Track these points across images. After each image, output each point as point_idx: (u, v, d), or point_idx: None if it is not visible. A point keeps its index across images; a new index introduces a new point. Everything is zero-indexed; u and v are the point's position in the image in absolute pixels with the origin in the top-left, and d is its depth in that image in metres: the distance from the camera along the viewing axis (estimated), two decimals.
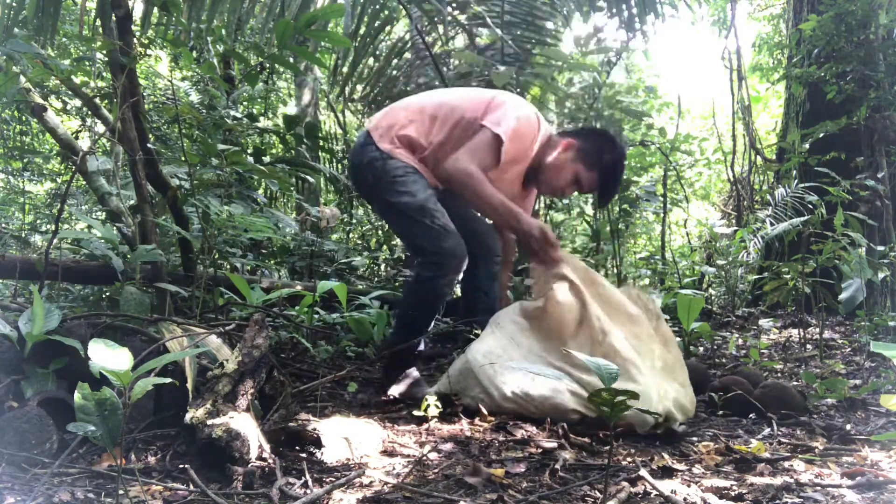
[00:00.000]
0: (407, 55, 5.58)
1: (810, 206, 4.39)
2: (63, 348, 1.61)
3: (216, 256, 3.04)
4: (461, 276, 2.39)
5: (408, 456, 1.59)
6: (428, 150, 2.39)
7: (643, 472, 1.38)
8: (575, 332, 2.11)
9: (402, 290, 2.57)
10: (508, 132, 2.30)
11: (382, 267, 5.27)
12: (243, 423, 1.44)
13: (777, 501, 1.28)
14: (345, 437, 1.59)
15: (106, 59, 2.91)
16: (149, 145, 2.76)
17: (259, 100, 7.08)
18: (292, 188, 5.16)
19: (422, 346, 2.45)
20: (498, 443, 1.70)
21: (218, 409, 1.48)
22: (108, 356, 1.09)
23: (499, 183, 2.37)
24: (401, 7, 4.92)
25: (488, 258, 2.59)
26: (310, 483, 1.35)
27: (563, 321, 2.12)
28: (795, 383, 2.53)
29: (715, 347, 3.18)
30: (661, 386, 2.02)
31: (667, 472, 1.47)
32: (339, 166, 6.27)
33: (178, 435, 1.60)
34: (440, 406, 1.94)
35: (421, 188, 2.34)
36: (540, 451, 1.63)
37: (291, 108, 7.79)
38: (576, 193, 2.63)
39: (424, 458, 1.54)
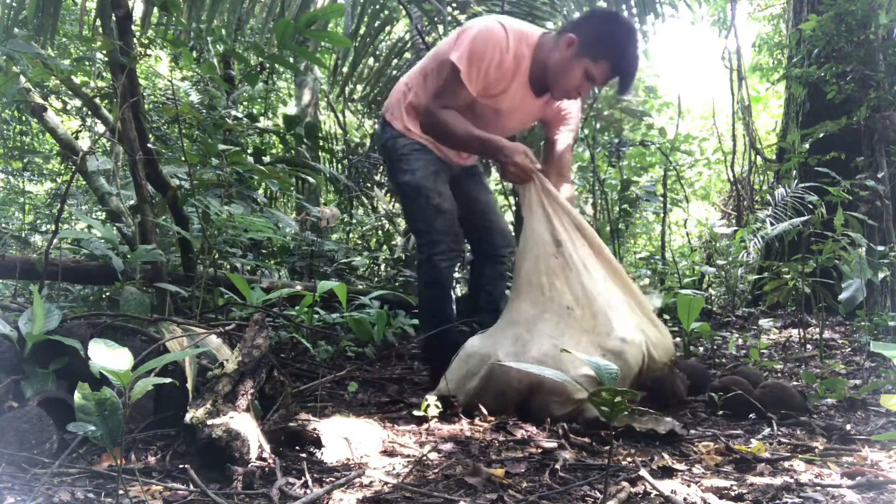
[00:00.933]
0: (407, 55, 5.57)
1: (810, 206, 4.38)
2: (63, 348, 1.61)
3: (216, 256, 3.04)
4: (464, 258, 2.38)
5: (408, 456, 1.59)
6: None
7: (643, 472, 1.38)
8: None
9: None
10: (463, 56, 2.19)
11: (382, 267, 5.27)
12: (243, 423, 1.44)
13: (777, 501, 1.28)
14: (345, 437, 1.59)
15: (106, 59, 2.91)
16: (149, 145, 2.76)
17: (259, 100, 7.07)
18: (292, 188, 5.16)
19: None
20: (498, 443, 1.70)
21: (218, 409, 1.48)
22: (108, 356, 1.09)
23: (503, 106, 2.32)
24: (401, 7, 4.92)
25: (494, 258, 2.58)
26: (310, 483, 1.35)
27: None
28: (795, 383, 2.53)
29: (715, 347, 3.18)
30: (634, 313, 2.04)
31: (667, 472, 1.47)
32: (339, 166, 6.27)
33: (178, 435, 1.60)
34: (440, 406, 1.94)
35: (422, 166, 2.35)
36: (540, 451, 1.63)
37: (291, 108, 7.79)
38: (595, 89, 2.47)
39: (424, 458, 1.54)
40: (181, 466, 1.40)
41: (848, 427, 1.90)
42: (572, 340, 1.96)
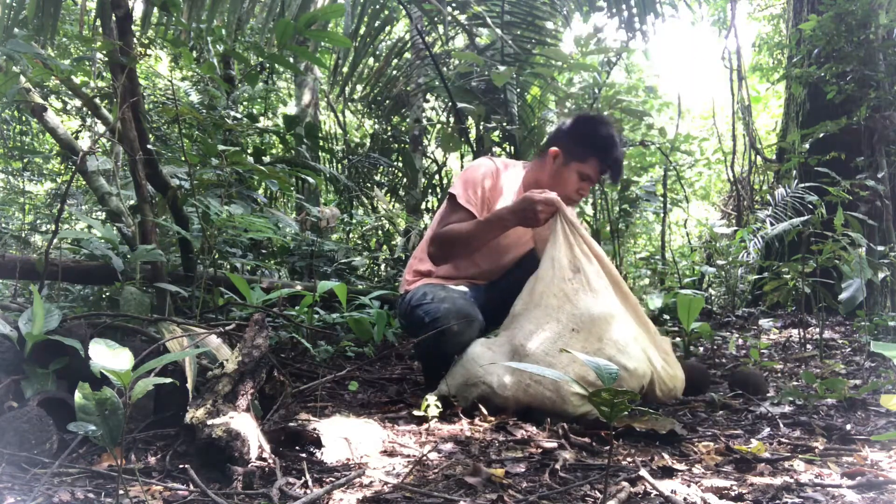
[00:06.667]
0: (407, 55, 5.58)
1: (810, 206, 4.39)
2: (63, 348, 1.61)
3: (216, 256, 3.04)
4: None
5: (408, 456, 1.59)
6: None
7: (643, 472, 1.38)
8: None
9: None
10: (458, 184, 2.43)
11: (382, 267, 5.27)
12: (243, 423, 1.44)
13: (777, 501, 1.28)
14: (345, 437, 1.59)
15: (106, 59, 2.91)
16: (149, 145, 2.76)
17: (259, 100, 7.08)
18: (292, 188, 5.16)
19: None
20: (498, 443, 1.70)
21: (218, 409, 1.48)
22: (108, 356, 1.09)
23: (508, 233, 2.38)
24: (401, 7, 4.92)
25: None
26: (310, 483, 1.35)
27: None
28: (796, 383, 2.53)
29: (715, 347, 3.18)
30: (644, 345, 2.03)
31: (667, 472, 1.47)
32: (339, 166, 6.28)
33: (178, 435, 1.60)
34: (440, 406, 1.94)
35: (427, 289, 2.40)
36: (540, 451, 1.63)
37: (291, 108, 7.80)
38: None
39: (424, 458, 1.54)
40: (181, 466, 1.40)
41: (848, 427, 1.90)
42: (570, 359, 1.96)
